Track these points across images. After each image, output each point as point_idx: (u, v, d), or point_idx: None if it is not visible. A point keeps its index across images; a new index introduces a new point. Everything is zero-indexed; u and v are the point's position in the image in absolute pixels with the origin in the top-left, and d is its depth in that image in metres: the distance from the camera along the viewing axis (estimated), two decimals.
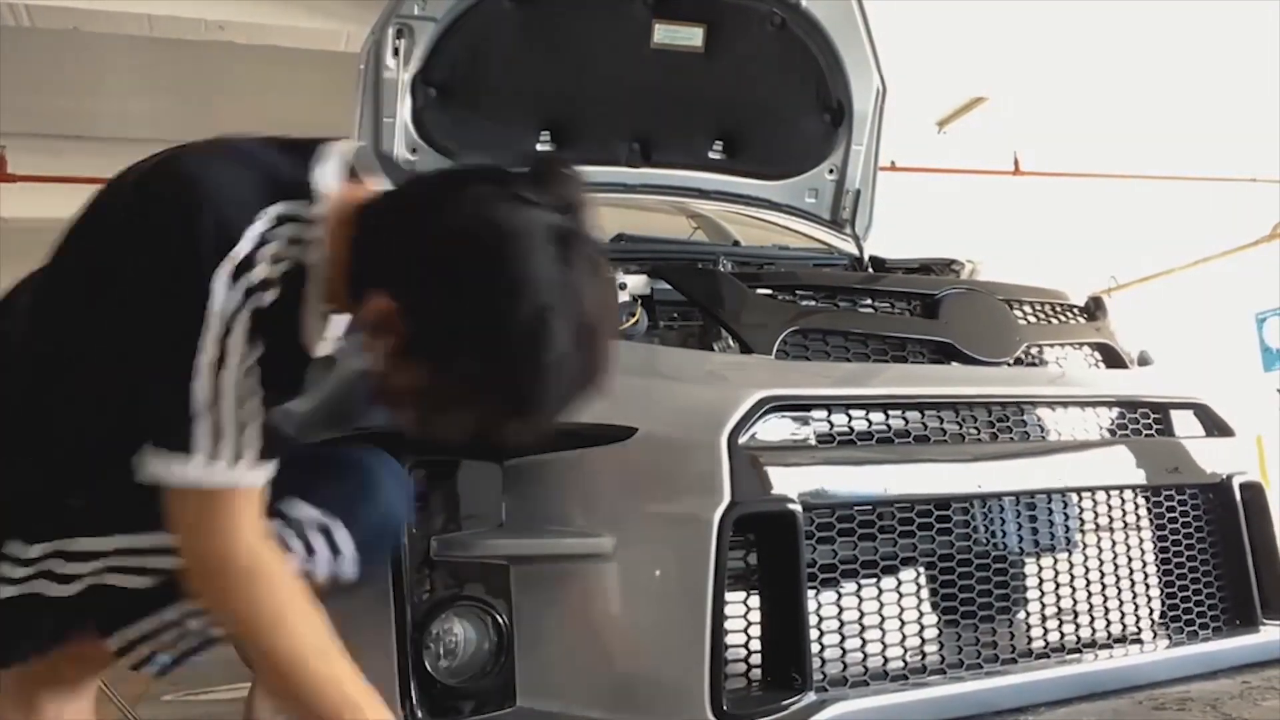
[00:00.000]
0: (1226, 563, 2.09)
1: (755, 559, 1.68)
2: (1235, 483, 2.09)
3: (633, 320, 2.03)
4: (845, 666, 1.71)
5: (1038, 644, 1.88)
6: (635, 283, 2.13)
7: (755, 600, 1.67)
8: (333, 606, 1.34)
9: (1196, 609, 2.06)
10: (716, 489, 1.60)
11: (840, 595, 1.73)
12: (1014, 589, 1.89)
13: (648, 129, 2.82)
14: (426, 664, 1.58)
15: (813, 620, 1.67)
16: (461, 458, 1.66)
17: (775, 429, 1.74)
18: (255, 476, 1.25)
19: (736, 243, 3.02)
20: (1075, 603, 1.94)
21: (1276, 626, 2.07)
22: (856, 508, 1.75)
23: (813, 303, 2.08)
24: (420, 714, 1.56)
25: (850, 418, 1.80)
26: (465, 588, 1.62)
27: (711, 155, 2.92)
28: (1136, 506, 2.05)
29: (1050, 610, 1.91)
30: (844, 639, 1.72)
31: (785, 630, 1.65)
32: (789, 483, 1.67)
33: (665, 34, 2.67)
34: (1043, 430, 1.99)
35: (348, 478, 1.45)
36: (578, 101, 2.74)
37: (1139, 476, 2.04)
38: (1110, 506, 2.02)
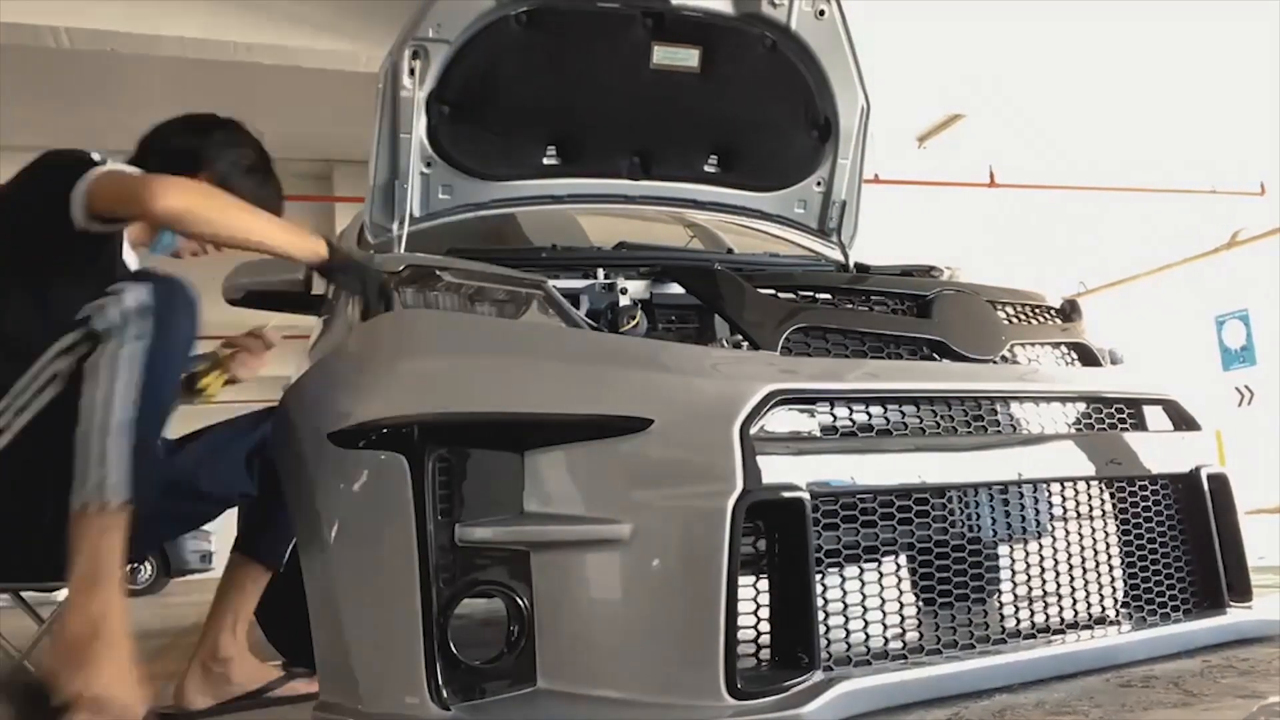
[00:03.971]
0: (1195, 549, 2.07)
1: (764, 544, 1.64)
2: (1203, 473, 2.08)
3: (633, 323, 2.03)
4: (849, 646, 1.67)
5: (1025, 625, 1.85)
6: (635, 287, 2.12)
7: (764, 584, 1.63)
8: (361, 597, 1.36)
9: (1169, 593, 2.04)
10: (730, 478, 1.56)
11: (844, 579, 1.69)
12: (1004, 573, 1.86)
13: (647, 144, 2.79)
14: (451, 645, 1.54)
15: (818, 603, 1.64)
16: (483, 449, 1.63)
17: (782, 421, 1.70)
18: None
19: (730, 250, 2.99)
20: (1059, 587, 1.91)
21: (1241, 609, 2.06)
22: (859, 496, 1.71)
23: (814, 302, 2.06)
24: (445, 693, 1.52)
25: (852, 410, 1.76)
26: (488, 572, 1.58)
27: (707, 169, 2.89)
28: (1114, 496, 2.02)
29: (1037, 594, 1.88)
30: (847, 620, 1.68)
31: (794, 612, 1.61)
32: (797, 472, 1.63)
33: (664, 55, 2.64)
34: (1029, 423, 1.95)
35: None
36: (582, 118, 2.71)
37: (1116, 468, 2.00)
38: (1091, 496, 1.99)
